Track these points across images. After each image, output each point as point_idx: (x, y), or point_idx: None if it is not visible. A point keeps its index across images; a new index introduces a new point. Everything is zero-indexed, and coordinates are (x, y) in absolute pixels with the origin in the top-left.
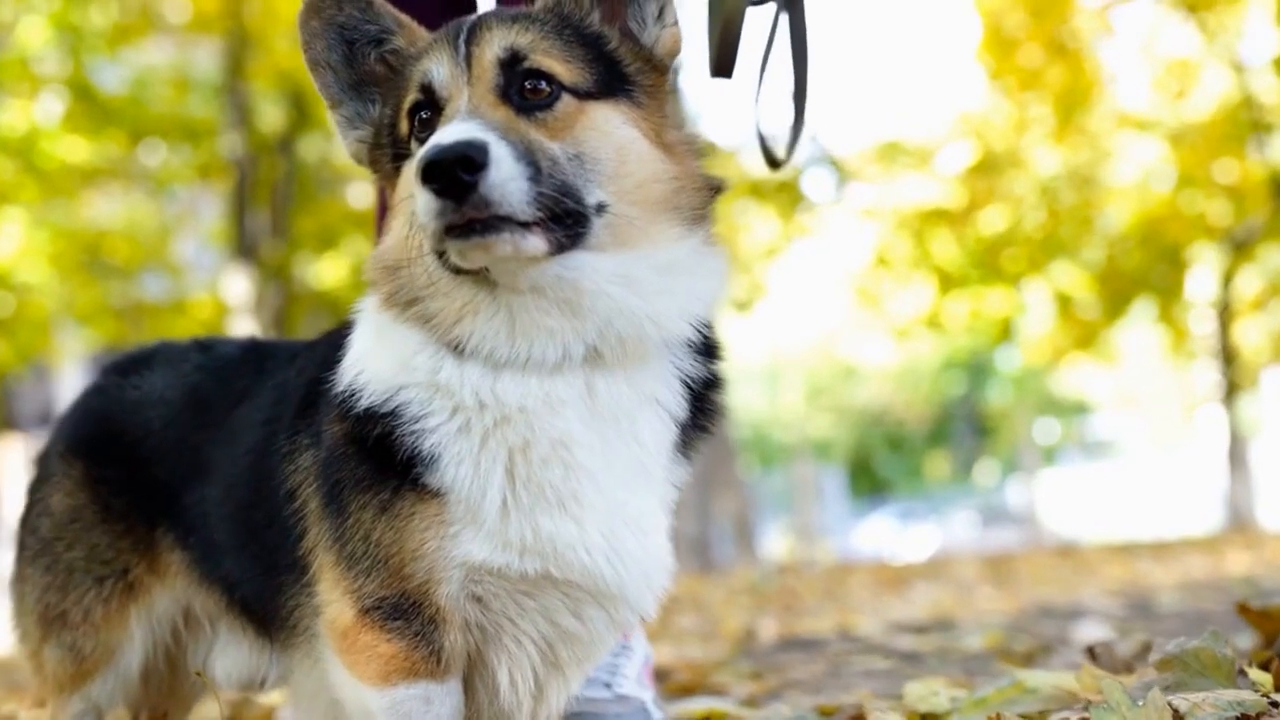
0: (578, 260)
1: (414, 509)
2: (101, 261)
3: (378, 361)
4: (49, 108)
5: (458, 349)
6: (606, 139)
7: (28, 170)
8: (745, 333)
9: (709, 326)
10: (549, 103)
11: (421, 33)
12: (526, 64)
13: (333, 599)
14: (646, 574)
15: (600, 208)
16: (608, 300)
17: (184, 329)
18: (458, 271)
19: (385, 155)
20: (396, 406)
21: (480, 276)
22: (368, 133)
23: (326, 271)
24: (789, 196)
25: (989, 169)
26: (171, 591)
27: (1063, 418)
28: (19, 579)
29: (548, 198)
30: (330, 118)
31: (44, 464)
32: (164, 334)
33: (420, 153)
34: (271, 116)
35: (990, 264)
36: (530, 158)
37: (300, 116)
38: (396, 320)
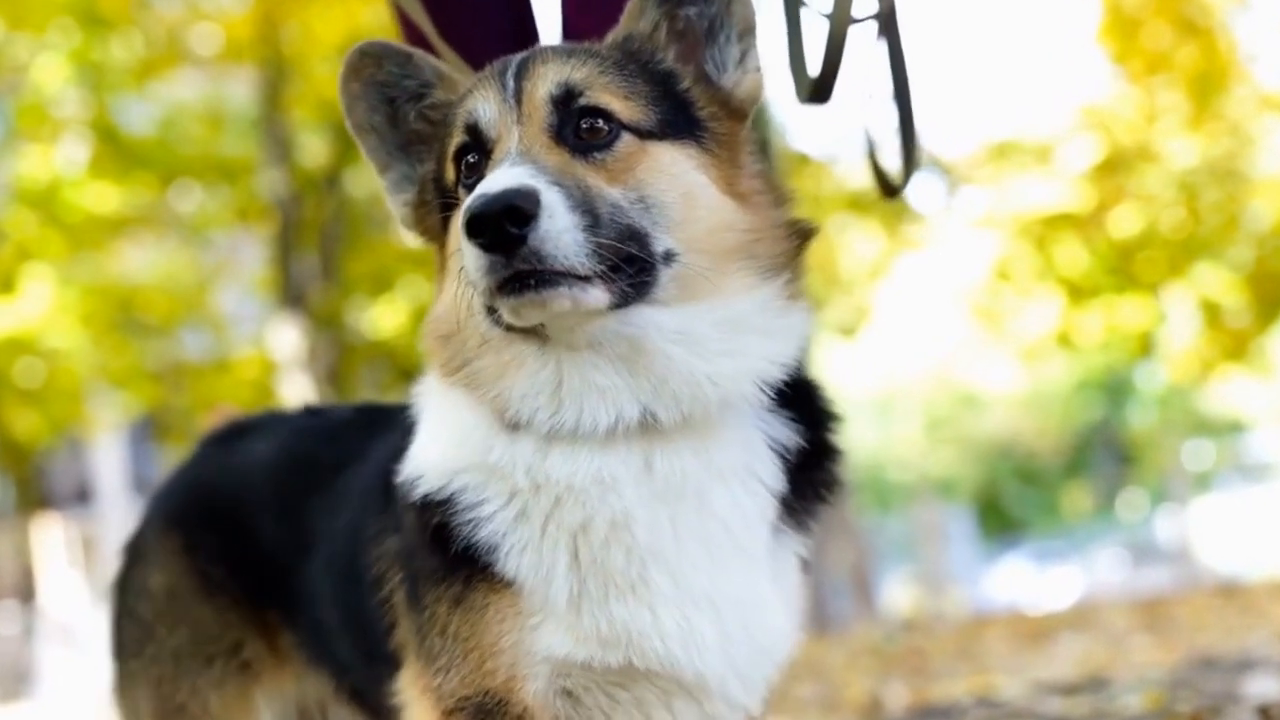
0: (640, 315)
1: (488, 600)
2: (136, 319)
3: (434, 444)
4: (71, 153)
5: (507, 418)
6: (672, 182)
7: (51, 223)
8: (852, 361)
9: (814, 389)
10: (607, 143)
11: (464, 84)
12: (582, 100)
13: (412, 698)
14: (733, 662)
15: (668, 256)
16: (665, 359)
17: (229, 390)
18: (510, 329)
19: (432, 210)
20: (452, 493)
21: (534, 333)
22: (413, 193)
23: (383, 318)
24: (893, 208)
25: (1118, 165)
26: (294, 675)
27: (1215, 439)
28: (123, 679)
29: (608, 247)
30: (379, 183)
31: (135, 547)
32: (207, 396)
33: (465, 203)
34: (315, 150)
35: (1125, 271)
36: (587, 204)
37: (346, 148)
38: (452, 390)
